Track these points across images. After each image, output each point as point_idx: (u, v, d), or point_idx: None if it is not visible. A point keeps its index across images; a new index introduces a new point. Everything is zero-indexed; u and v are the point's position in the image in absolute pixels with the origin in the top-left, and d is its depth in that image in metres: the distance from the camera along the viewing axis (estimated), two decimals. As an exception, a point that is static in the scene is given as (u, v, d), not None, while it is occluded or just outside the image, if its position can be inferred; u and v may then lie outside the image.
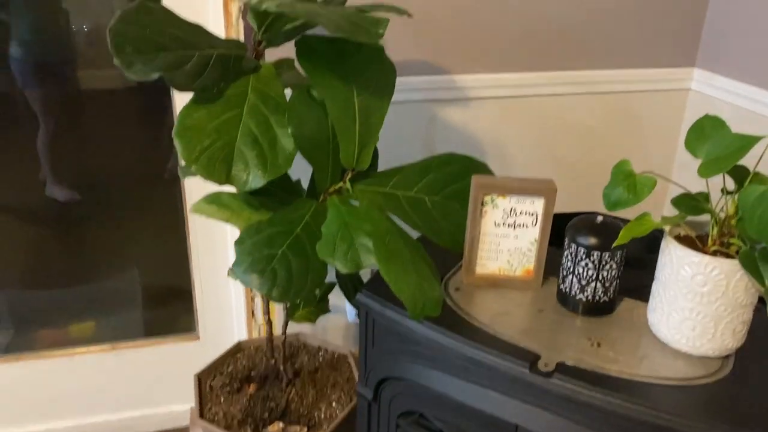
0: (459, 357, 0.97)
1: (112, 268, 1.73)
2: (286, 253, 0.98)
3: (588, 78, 1.63)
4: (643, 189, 0.86)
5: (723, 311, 0.88)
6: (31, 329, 1.71)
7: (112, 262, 1.73)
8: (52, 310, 1.75)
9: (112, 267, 1.73)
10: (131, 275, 1.77)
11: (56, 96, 1.61)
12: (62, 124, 1.60)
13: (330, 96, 1.03)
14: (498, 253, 1.09)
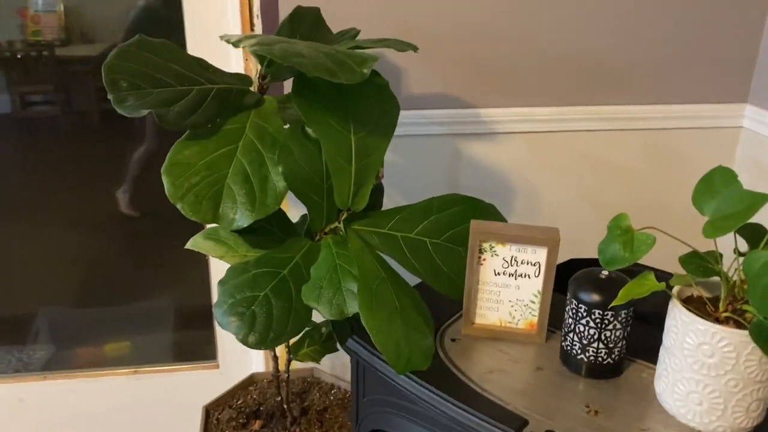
0: (443, 416, 0.91)
1: (150, 290, 1.77)
2: (269, 296, 0.95)
3: (627, 113, 1.54)
4: (640, 247, 0.78)
5: (734, 387, 0.78)
6: (70, 347, 1.76)
7: (152, 284, 1.76)
8: (91, 328, 1.79)
9: (151, 289, 1.77)
10: (168, 298, 1.80)
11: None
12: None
13: (324, 134, 1.00)
14: (499, 303, 1.02)
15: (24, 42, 1.65)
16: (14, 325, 1.76)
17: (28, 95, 1.72)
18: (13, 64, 1.67)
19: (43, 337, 1.78)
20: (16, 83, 1.69)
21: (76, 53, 1.67)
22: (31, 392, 1.68)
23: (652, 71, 1.50)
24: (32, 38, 1.65)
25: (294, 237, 1.08)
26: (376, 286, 0.97)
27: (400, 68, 1.44)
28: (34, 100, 1.72)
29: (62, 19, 1.65)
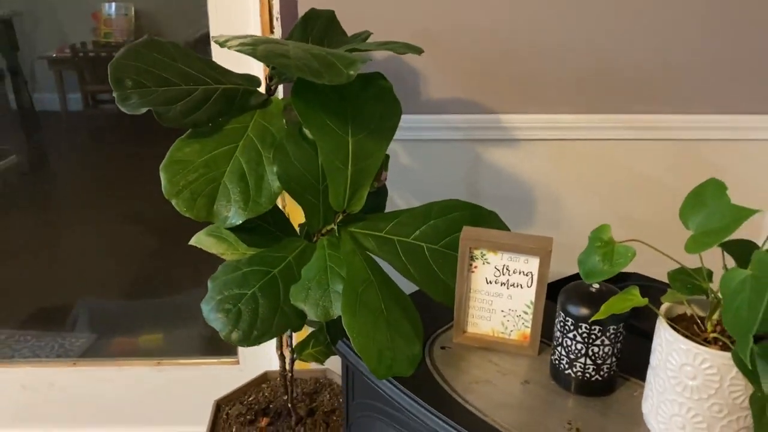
0: (421, 424, 0.89)
1: (186, 286, 1.83)
2: (256, 295, 0.96)
3: (656, 123, 1.47)
4: (620, 260, 0.74)
5: (718, 412, 0.74)
6: (108, 336, 1.83)
7: (188, 281, 1.82)
8: (129, 320, 1.86)
9: (186, 285, 1.83)
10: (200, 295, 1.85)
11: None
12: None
13: (321, 135, 1.01)
14: (491, 313, 1.00)
15: (96, 43, 1.75)
16: (58, 314, 1.85)
17: (98, 94, 1.81)
18: (85, 64, 1.77)
19: (83, 326, 1.86)
20: (88, 83, 1.79)
21: None
22: (62, 377, 1.76)
23: (683, 79, 1.44)
24: (104, 40, 1.75)
25: (292, 238, 1.09)
26: (363, 289, 0.96)
27: (419, 73, 1.43)
28: (103, 98, 1.82)
29: (132, 22, 1.74)
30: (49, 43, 1.75)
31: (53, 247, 1.80)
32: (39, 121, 1.80)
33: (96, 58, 1.76)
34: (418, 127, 1.46)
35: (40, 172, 1.80)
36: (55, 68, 1.79)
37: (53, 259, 1.79)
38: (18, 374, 1.75)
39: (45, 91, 1.79)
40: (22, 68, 1.75)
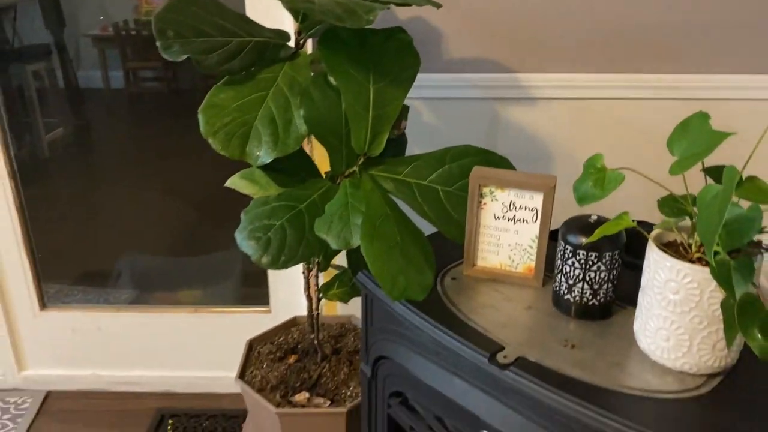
0: (431, 341, 0.98)
1: (222, 247, 1.95)
2: (284, 225, 1.06)
3: (674, 82, 1.52)
4: (610, 184, 0.82)
5: (698, 324, 0.81)
6: (150, 292, 1.96)
7: (223, 242, 1.93)
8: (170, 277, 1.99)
9: (222, 246, 1.94)
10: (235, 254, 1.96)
11: None
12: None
13: (344, 83, 1.10)
14: (499, 247, 1.08)
15: (137, 21, 1.80)
16: (103, 271, 1.98)
17: (139, 71, 1.89)
18: (127, 42, 1.83)
19: (126, 282, 1.99)
20: (129, 60, 1.86)
21: None
22: (108, 322, 1.90)
23: (701, 39, 1.48)
24: (145, 18, 1.79)
25: (317, 179, 1.18)
26: (380, 222, 1.05)
27: (442, 32, 1.50)
28: (145, 75, 1.90)
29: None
30: (93, 22, 1.82)
31: (97, 212, 1.92)
32: (83, 97, 1.89)
33: (137, 35, 1.82)
34: (439, 86, 1.54)
35: (84, 145, 1.91)
36: (98, 46, 1.85)
37: (97, 223, 1.92)
38: (68, 319, 1.90)
39: (88, 68, 1.87)
40: (67, 46, 1.84)
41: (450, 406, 0.99)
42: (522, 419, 0.89)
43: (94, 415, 1.86)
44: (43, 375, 1.95)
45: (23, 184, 1.77)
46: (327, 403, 1.39)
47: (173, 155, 1.90)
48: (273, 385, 1.45)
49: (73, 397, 1.93)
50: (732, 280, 0.74)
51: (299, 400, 1.40)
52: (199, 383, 1.93)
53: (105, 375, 1.94)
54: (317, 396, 1.41)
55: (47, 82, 1.86)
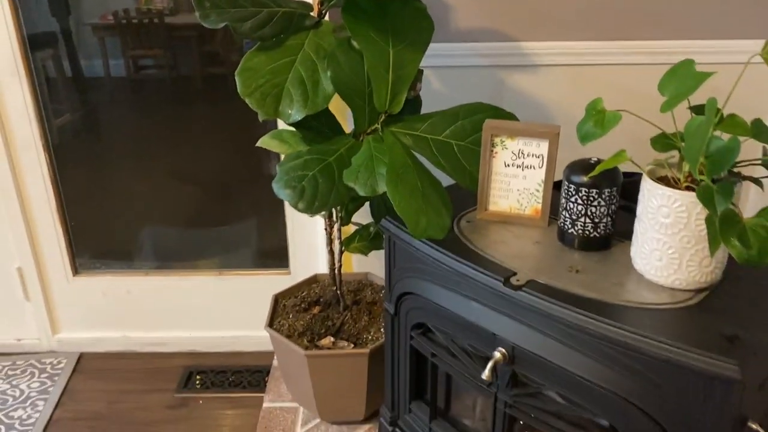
0: (451, 272, 1.11)
1: (237, 219, 2.05)
2: (316, 176, 1.18)
3: (666, 48, 1.63)
4: (609, 123, 0.94)
5: (687, 243, 0.94)
6: (170, 261, 2.07)
7: (240, 212, 2.04)
8: (187, 247, 2.10)
9: (237, 218, 2.05)
10: (252, 224, 2.07)
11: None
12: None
13: (367, 46, 1.21)
14: (509, 192, 1.20)
15: (138, 10, 1.84)
16: (128, 245, 2.08)
17: (140, 59, 1.93)
18: (127, 31, 1.87)
19: (149, 254, 2.09)
20: (130, 48, 1.90)
21: (183, 21, 1.85)
22: (137, 286, 2.02)
23: (691, 7, 1.59)
24: (145, 6, 1.84)
25: (342, 136, 1.30)
26: (402, 170, 1.17)
27: (448, 3, 1.61)
28: (145, 64, 1.94)
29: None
30: (94, 10, 1.85)
31: (111, 192, 2.01)
32: (87, 84, 1.94)
33: (138, 24, 1.86)
34: (448, 55, 1.65)
35: (91, 130, 1.97)
36: (98, 35, 1.88)
37: (113, 202, 2.00)
38: (99, 283, 2.02)
39: (91, 57, 1.91)
40: (73, 34, 1.87)
41: (469, 328, 1.11)
42: (534, 333, 1.01)
43: (125, 374, 1.98)
44: (76, 338, 2.07)
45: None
46: (350, 346, 1.51)
47: (176, 140, 1.97)
48: (300, 332, 1.57)
49: (104, 358, 2.05)
50: (714, 200, 0.86)
51: (325, 343, 1.52)
52: (224, 342, 2.05)
53: (134, 336, 2.06)
54: (341, 340, 1.54)
55: (54, 69, 1.89)
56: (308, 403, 1.62)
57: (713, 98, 0.82)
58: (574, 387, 0.98)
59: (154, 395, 1.88)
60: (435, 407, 1.32)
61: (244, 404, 1.84)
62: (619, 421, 0.96)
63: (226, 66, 1.89)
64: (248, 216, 2.04)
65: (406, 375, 1.32)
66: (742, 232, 0.83)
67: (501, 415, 1.12)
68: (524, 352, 1.03)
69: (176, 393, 1.89)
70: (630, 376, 0.92)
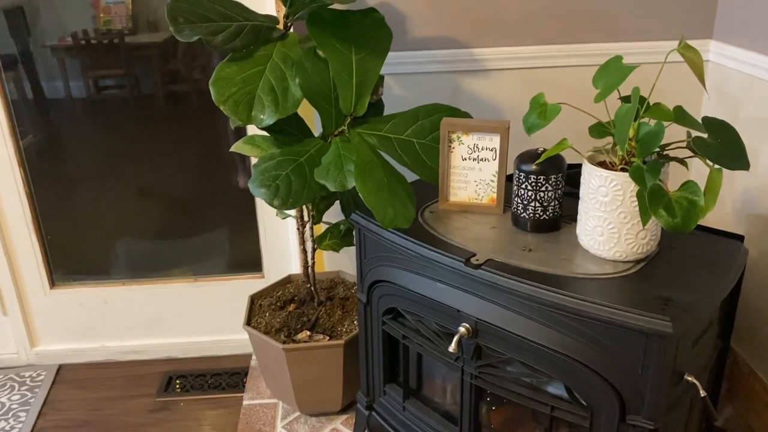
0: (417, 257, 1.21)
1: (211, 226, 2.11)
2: (289, 175, 1.27)
3: (605, 50, 1.77)
4: (551, 114, 1.05)
5: (624, 219, 1.05)
6: (146, 272, 2.11)
7: (211, 222, 2.10)
8: (161, 258, 2.15)
9: (211, 225, 2.11)
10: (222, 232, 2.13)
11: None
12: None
13: (331, 55, 1.31)
14: (467, 183, 1.31)
15: (97, 31, 1.85)
16: (101, 261, 2.11)
17: (101, 79, 1.92)
18: (87, 51, 1.87)
19: (123, 264, 2.13)
20: (90, 69, 1.89)
21: (143, 40, 1.88)
22: (113, 296, 2.07)
23: (626, 11, 1.74)
24: (104, 27, 1.85)
25: (312, 138, 1.40)
26: (369, 167, 1.27)
27: (405, 14, 1.73)
28: (107, 84, 1.93)
29: (130, 9, 1.85)
30: (52, 33, 1.85)
31: (79, 208, 2.04)
32: (49, 105, 1.95)
33: (98, 45, 1.87)
34: (407, 62, 1.76)
35: (55, 150, 1.98)
36: (58, 56, 1.88)
37: (81, 219, 2.03)
38: (76, 295, 2.06)
39: (52, 78, 1.91)
40: (33, 55, 1.88)
41: (435, 308, 1.21)
42: (494, 306, 1.12)
43: (106, 382, 2.02)
44: (55, 350, 2.10)
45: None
46: (326, 339, 1.60)
47: (145, 156, 2.00)
48: (277, 329, 1.65)
49: (84, 368, 2.09)
50: (644, 177, 0.98)
51: (301, 337, 1.61)
52: (202, 347, 2.11)
53: (113, 346, 2.11)
54: (317, 333, 1.62)
55: (15, 91, 1.89)
56: (287, 397, 1.70)
57: (637, 87, 0.94)
58: (531, 354, 1.09)
59: (135, 400, 1.94)
60: (408, 388, 1.41)
61: (224, 404, 1.90)
62: (574, 381, 1.07)
63: (189, 83, 1.95)
64: (219, 225, 2.11)
65: (379, 360, 1.42)
66: (668, 204, 0.95)
67: (468, 387, 1.22)
68: (486, 325, 1.13)
69: (157, 397, 1.94)
70: (580, 339, 1.03)
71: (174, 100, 1.97)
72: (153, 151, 2.00)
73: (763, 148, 1.58)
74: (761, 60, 1.56)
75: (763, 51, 1.57)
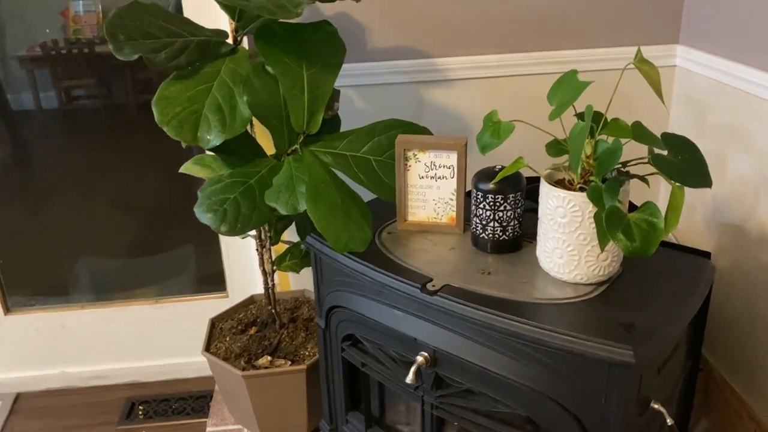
0: (374, 283, 1.15)
1: (177, 243, 2.04)
2: (237, 198, 1.21)
3: (571, 58, 1.73)
4: (504, 133, 1.00)
5: (583, 240, 1.01)
6: (107, 293, 2.04)
7: (177, 238, 2.04)
8: (124, 278, 2.08)
9: (177, 242, 2.04)
10: (188, 248, 2.07)
11: None
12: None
13: (280, 71, 1.26)
14: (425, 202, 1.26)
15: (67, 41, 1.81)
16: (62, 280, 2.04)
17: (72, 89, 1.88)
18: (57, 61, 1.82)
19: (85, 288, 2.06)
20: (61, 79, 1.85)
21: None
22: (72, 320, 1.99)
23: (590, 17, 1.70)
24: (74, 37, 1.81)
25: (263, 158, 1.34)
26: (322, 187, 1.22)
27: (365, 25, 1.68)
28: (78, 94, 1.90)
29: (101, 18, 1.81)
30: (20, 43, 1.81)
31: (45, 226, 1.97)
32: (16, 118, 1.89)
33: (68, 55, 1.83)
34: (368, 74, 1.71)
35: (23, 164, 1.92)
36: (26, 67, 1.84)
37: (47, 236, 1.97)
38: (32, 320, 1.98)
39: (19, 90, 1.86)
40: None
41: (393, 336, 1.16)
42: (451, 334, 1.06)
43: (66, 410, 1.95)
44: (12, 378, 2.02)
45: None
46: (288, 364, 1.54)
47: (113, 169, 1.95)
48: (237, 353, 1.59)
49: (43, 396, 2.01)
50: (603, 198, 0.93)
51: (262, 363, 1.54)
52: (165, 371, 2.04)
53: (73, 372, 2.03)
54: (278, 358, 1.56)
55: None
56: (250, 424, 1.64)
57: (590, 105, 0.89)
58: (492, 384, 1.04)
59: (96, 429, 1.86)
60: (370, 416, 1.36)
61: (188, 431, 1.83)
62: (536, 412, 1.02)
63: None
64: (185, 242, 2.05)
65: (341, 387, 1.36)
66: (626, 227, 0.90)
67: (429, 417, 1.16)
68: (444, 354, 1.08)
69: (119, 425, 1.87)
70: (540, 369, 0.98)
71: (146, 111, 1.89)
72: (122, 163, 1.95)
73: (732, 156, 1.54)
74: (728, 66, 1.52)
75: (729, 56, 1.53)
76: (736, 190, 1.53)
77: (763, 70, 1.41)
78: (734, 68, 1.50)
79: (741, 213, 1.53)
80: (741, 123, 1.50)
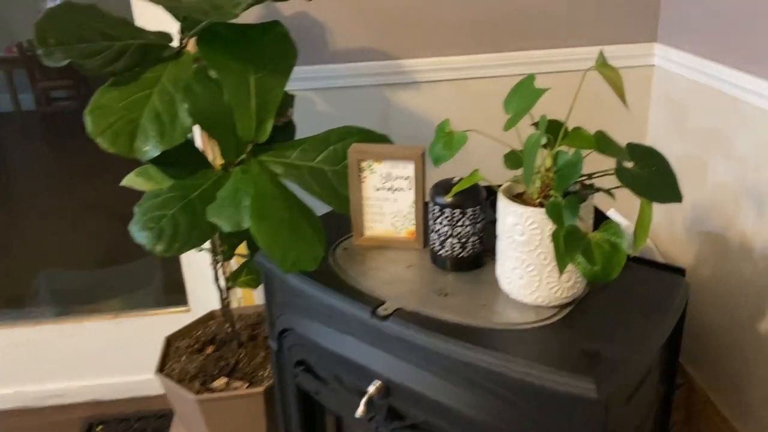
0: (322, 305, 1.06)
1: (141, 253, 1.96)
2: (176, 215, 1.12)
3: (541, 58, 1.65)
4: (457, 144, 0.92)
5: (544, 260, 0.92)
6: (71, 306, 1.95)
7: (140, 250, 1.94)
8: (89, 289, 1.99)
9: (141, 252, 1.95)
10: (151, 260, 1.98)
11: None
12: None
13: (224, 76, 1.17)
14: (383, 216, 1.17)
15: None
16: (22, 292, 1.96)
17: (51, 91, 1.84)
18: (35, 63, 1.78)
19: (46, 299, 1.98)
20: (39, 80, 1.82)
21: None
22: (27, 337, 1.89)
23: (564, 16, 1.62)
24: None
25: (208, 170, 1.25)
26: (268, 201, 1.13)
27: (326, 25, 1.59)
28: (57, 96, 1.86)
29: None
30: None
31: (8, 234, 1.89)
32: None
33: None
34: (331, 76, 1.62)
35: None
36: (3, 68, 1.80)
37: (10, 244, 1.89)
38: (-16, 338, 1.88)
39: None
40: None
41: (345, 363, 1.07)
42: (404, 363, 0.98)
43: (20, 432, 1.85)
44: (-37, 398, 1.93)
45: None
46: (245, 386, 1.45)
47: (90, 173, 1.90)
48: (192, 375, 1.50)
49: (-3, 417, 1.92)
50: (562, 215, 0.85)
51: (218, 385, 1.45)
52: (126, 388, 1.95)
53: (29, 391, 1.94)
54: (235, 380, 1.47)
55: None
56: (209, 448, 1.55)
57: (543, 116, 0.81)
58: (448, 418, 0.95)
59: (50, 453, 1.77)
60: (328, 443, 1.27)
61: (147, 453, 1.74)
62: (496, 447, 0.93)
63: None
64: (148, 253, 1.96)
65: (296, 413, 1.27)
66: (587, 248, 0.82)
67: (384, 449, 1.08)
68: (397, 384, 0.99)
69: (75, 448, 1.78)
70: (500, 403, 0.90)
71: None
72: (94, 168, 1.86)
73: (712, 160, 1.46)
74: (707, 65, 1.44)
75: (707, 55, 1.45)
76: (717, 197, 1.45)
77: (742, 70, 1.33)
78: (713, 68, 1.42)
79: (722, 221, 1.45)
80: (721, 126, 1.42)
